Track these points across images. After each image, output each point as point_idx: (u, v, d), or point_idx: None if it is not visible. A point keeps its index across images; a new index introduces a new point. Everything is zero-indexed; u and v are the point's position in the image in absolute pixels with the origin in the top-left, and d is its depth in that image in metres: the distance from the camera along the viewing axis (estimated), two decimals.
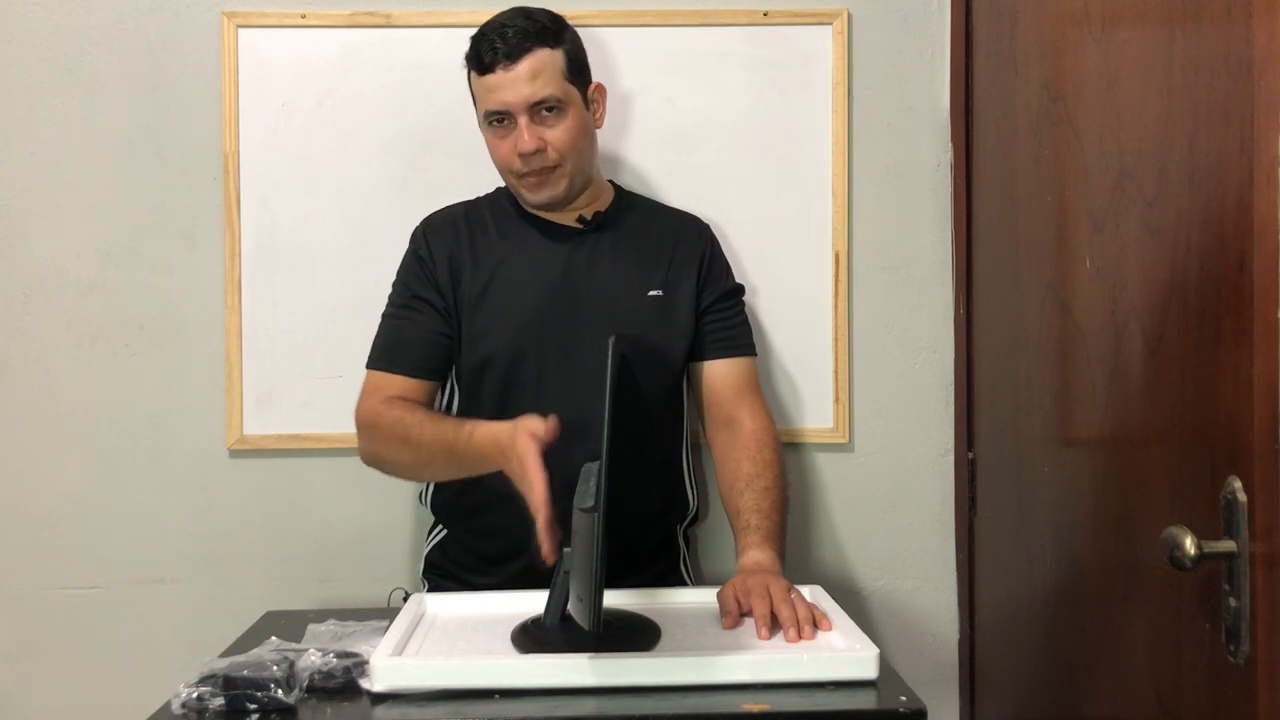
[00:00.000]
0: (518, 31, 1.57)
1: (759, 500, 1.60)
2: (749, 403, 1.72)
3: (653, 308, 1.69)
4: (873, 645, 1.28)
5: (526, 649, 1.32)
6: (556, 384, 1.64)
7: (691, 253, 1.73)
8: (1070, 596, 1.49)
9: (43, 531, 1.94)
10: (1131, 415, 1.30)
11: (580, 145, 1.63)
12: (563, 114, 1.59)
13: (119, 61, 1.92)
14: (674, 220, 1.79)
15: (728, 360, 1.73)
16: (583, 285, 1.67)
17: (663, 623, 1.40)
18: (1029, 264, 1.63)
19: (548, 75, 1.57)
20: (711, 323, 1.73)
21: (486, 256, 1.69)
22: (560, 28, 1.62)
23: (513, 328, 1.65)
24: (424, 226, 1.74)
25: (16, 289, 1.93)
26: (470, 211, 1.75)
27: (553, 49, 1.58)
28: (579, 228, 1.70)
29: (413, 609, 1.47)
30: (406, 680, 1.25)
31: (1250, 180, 1.02)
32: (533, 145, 1.57)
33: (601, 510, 1.19)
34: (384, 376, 1.67)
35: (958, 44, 1.91)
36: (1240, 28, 1.04)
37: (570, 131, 1.60)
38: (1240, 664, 1.05)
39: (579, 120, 1.62)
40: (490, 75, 1.57)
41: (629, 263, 1.70)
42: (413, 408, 1.62)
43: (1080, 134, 1.42)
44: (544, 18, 1.61)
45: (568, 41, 1.62)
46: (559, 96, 1.58)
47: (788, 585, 1.43)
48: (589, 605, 1.19)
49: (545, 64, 1.57)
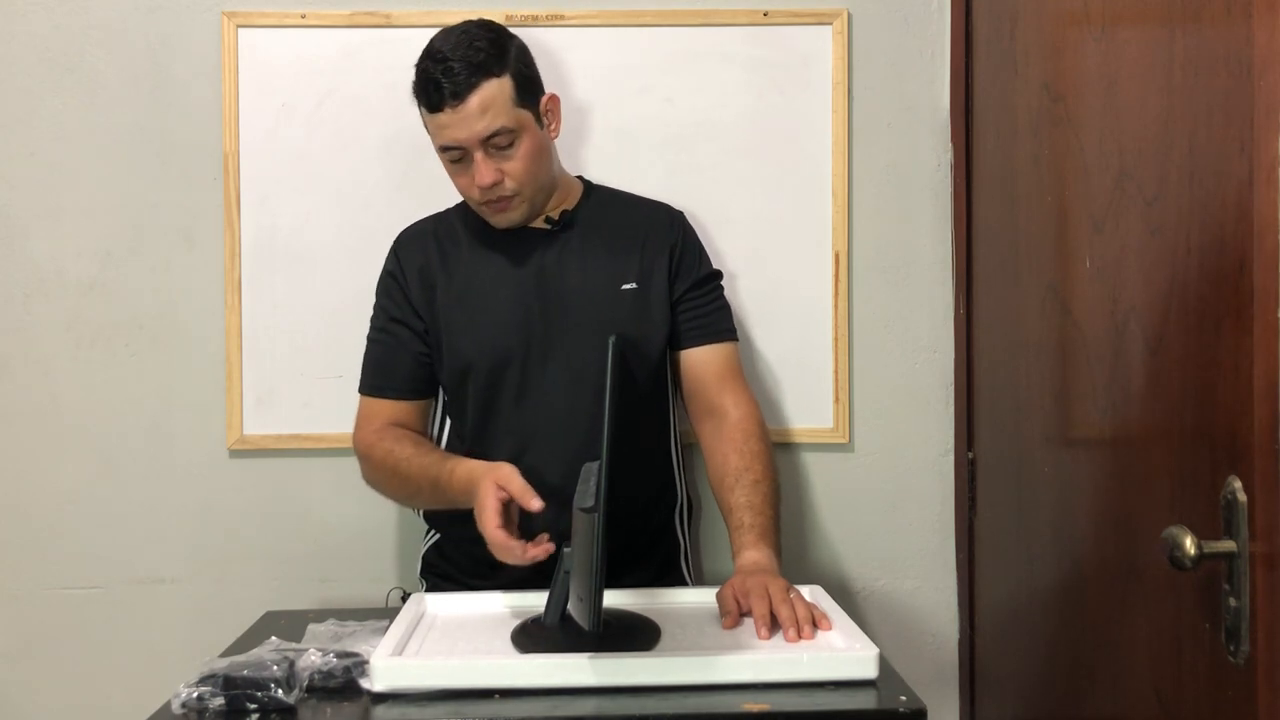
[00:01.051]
0: (463, 66, 1.53)
1: (750, 496, 1.59)
2: (732, 390, 1.70)
3: (628, 301, 1.68)
4: (873, 645, 1.28)
5: (526, 649, 1.32)
6: (538, 385, 1.65)
7: (663, 242, 1.72)
8: (1070, 596, 1.49)
9: (43, 531, 1.94)
10: (1131, 415, 1.30)
11: (536, 169, 1.61)
12: (516, 143, 1.58)
13: (119, 61, 1.92)
14: (645, 211, 1.77)
15: (707, 347, 1.72)
16: (556, 285, 1.67)
17: (663, 623, 1.40)
18: (1029, 264, 1.63)
19: (497, 108, 1.55)
20: (687, 310, 1.72)
21: (459, 267, 1.69)
22: (503, 50, 1.57)
23: (490, 334, 1.65)
24: (396, 244, 1.75)
25: (16, 289, 1.93)
26: (440, 224, 1.75)
27: (499, 77, 1.55)
28: (548, 229, 1.69)
29: (413, 609, 1.47)
30: (406, 680, 1.25)
31: (1250, 180, 1.02)
32: (490, 179, 1.57)
33: (602, 510, 1.19)
34: (375, 402, 1.71)
35: (958, 44, 1.91)
36: (1240, 28, 1.04)
37: (525, 159, 1.59)
38: (1240, 664, 1.05)
39: (533, 145, 1.60)
40: (440, 114, 1.55)
41: (601, 258, 1.69)
42: (402, 439, 1.65)
43: (1080, 134, 1.42)
44: (485, 44, 1.55)
45: (513, 63, 1.58)
46: (510, 127, 1.56)
47: (787, 585, 1.43)
48: (589, 605, 1.19)
49: (494, 96, 1.54)
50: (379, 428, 1.68)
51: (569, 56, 1.91)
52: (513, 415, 1.66)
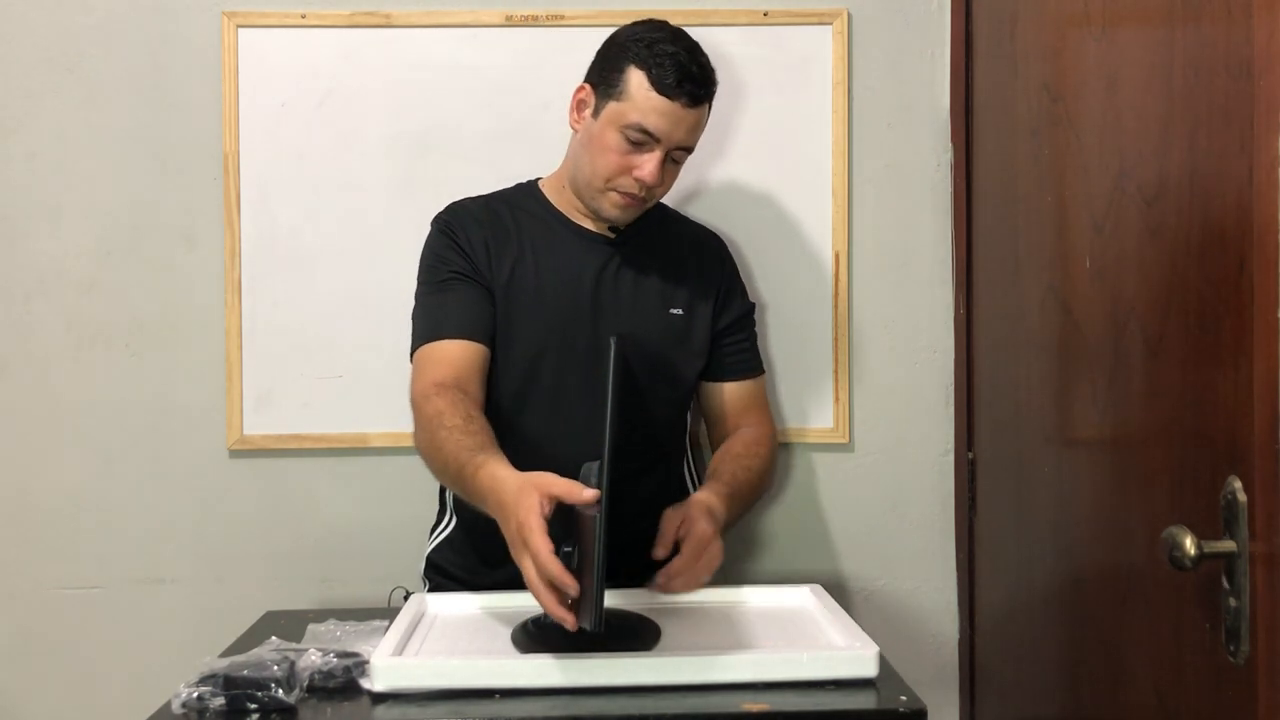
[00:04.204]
0: (707, 78, 1.58)
1: (737, 470, 1.64)
2: (755, 417, 1.77)
3: (672, 325, 1.70)
4: (872, 643, 1.29)
5: (526, 649, 1.32)
6: (574, 388, 1.64)
7: (711, 274, 1.75)
8: (1070, 596, 1.49)
9: (43, 531, 1.94)
10: (1131, 415, 1.30)
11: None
12: (680, 164, 1.63)
13: (119, 61, 1.92)
14: (693, 236, 1.80)
15: (742, 382, 1.78)
16: (609, 296, 1.67)
17: (662, 623, 1.40)
18: (1029, 264, 1.63)
19: (701, 129, 1.61)
20: (728, 346, 1.76)
21: (514, 248, 1.67)
22: (717, 84, 1.62)
23: (539, 325, 1.65)
24: (449, 213, 1.70)
25: (16, 289, 1.93)
26: (492, 203, 1.72)
27: (710, 106, 1.61)
28: (610, 237, 1.69)
29: (413, 609, 1.47)
30: (407, 680, 1.25)
31: (1250, 180, 1.02)
32: (655, 180, 1.58)
33: (604, 510, 1.19)
34: (434, 347, 1.59)
35: (958, 44, 1.91)
36: (1240, 28, 1.04)
37: (674, 179, 1.64)
38: (1240, 664, 1.05)
39: (681, 171, 1.66)
40: (667, 101, 1.55)
41: (654, 278, 1.70)
42: (458, 403, 1.51)
43: (1080, 134, 1.42)
44: (714, 74, 1.61)
45: (713, 99, 1.63)
46: (692, 151, 1.62)
47: (713, 534, 1.46)
48: (591, 605, 1.19)
49: (704, 120, 1.60)
50: (439, 378, 1.54)
51: (569, 57, 1.90)
52: (538, 411, 1.65)
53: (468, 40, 1.89)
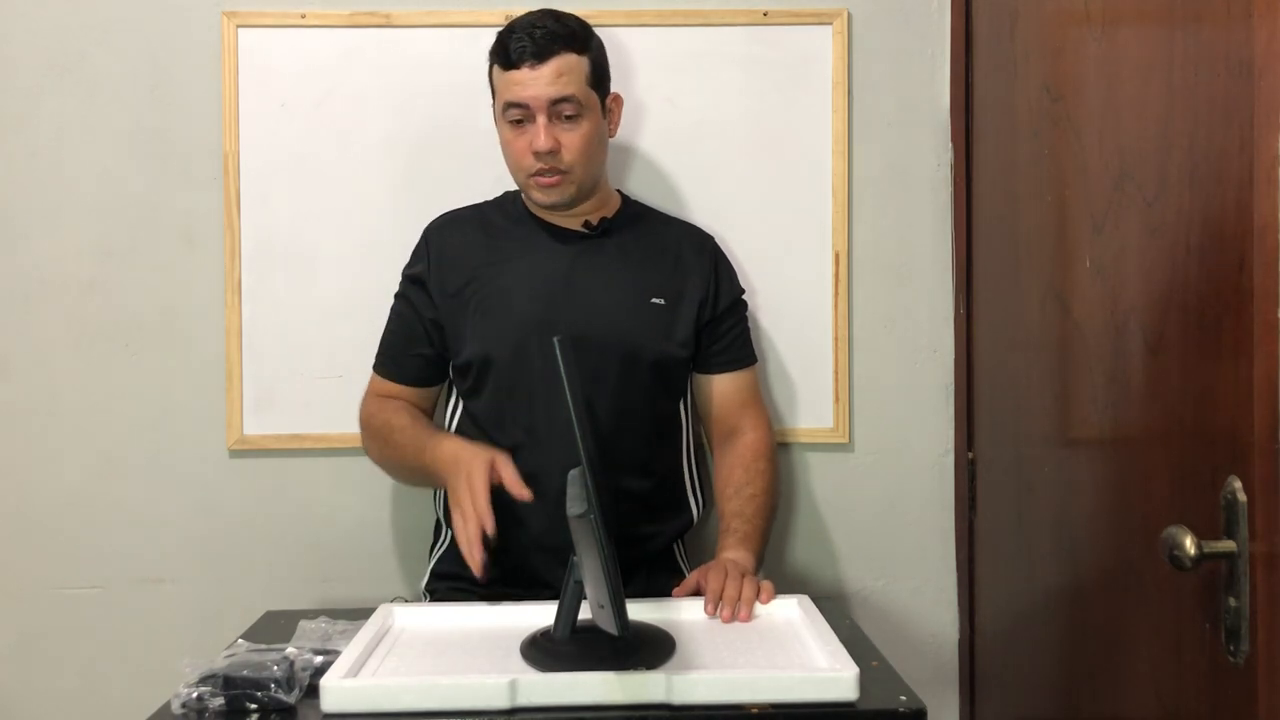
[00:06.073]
0: (547, 33, 1.58)
1: (744, 506, 1.67)
2: (751, 414, 1.78)
3: (654, 316, 1.69)
4: (853, 664, 1.22)
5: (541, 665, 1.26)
6: (552, 386, 1.63)
7: (697, 265, 1.75)
8: (1070, 596, 1.49)
9: (43, 531, 1.94)
10: (1131, 415, 1.30)
11: (592, 152, 1.65)
12: (579, 119, 1.61)
13: (119, 61, 1.92)
14: (678, 231, 1.80)
15: (733, 374, 1.78)
16: (585, 290, 1.68)
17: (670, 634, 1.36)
18: (1029, 264, 1.63)
19: (571, 76, 1.59)
20: (718, 339, 1.76)
21: (493, 256, 1.70)
22: (589, 35, 1.64)
23: (514, 327, 1.66)
24: (432, 226, 1.77)
25: (16, 289, 1.93)
26: (477, 213, 1.78)
27: (579, 55, 1.60)
28: (584, 232, 1.70)
29: (378, 622, 1.41)
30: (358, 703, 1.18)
31: (1250, 180, 1.02)
32: (548, 144, 1.58)
33: (597, 512, 1.17)
34: (384, 381, 1.77)
35: (958, 44, 1.91)
36: (1240, 28, 1.04)
37: (585, 138, 1.62)
38: (1240, 664, 1.05)
39: (594, 127, 1.63)
40: (515, 71, 1.58)
41: (632, 270, 1.71)
42: (400, 411, 1.70)
43: (1080, 134, 1.42)
44: (574, 24, 1.62)
45: (594, 50, 1.64)
46: (579, 99, 1.60)
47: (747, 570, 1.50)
48: (612, 610, 1.16)
49: (570, 67, 1.59)
50: (380, 399, 1.75)
51: None
52: (524, 410, 1.66)
53: (468, 40, 1.89)
